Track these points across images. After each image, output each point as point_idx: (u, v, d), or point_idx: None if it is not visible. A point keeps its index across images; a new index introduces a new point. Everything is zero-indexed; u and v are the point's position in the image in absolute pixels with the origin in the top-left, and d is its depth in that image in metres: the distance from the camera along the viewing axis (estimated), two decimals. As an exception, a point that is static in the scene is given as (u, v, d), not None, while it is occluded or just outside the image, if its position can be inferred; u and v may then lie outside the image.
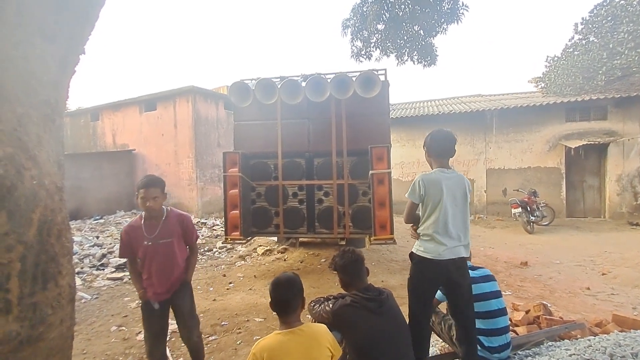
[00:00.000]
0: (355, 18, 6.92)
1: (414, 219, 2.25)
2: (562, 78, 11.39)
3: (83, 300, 4.35)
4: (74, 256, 5.84)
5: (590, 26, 11.61)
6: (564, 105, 10.08)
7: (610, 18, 11.00)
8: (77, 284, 4.85)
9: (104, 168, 11.46)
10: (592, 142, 9.54)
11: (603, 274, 4.92)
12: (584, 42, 11.80)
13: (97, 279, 5.20)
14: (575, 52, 11.74)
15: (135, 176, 12.33)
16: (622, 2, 10.84)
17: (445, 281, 2.13)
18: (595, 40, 11.40)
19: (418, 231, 2.21)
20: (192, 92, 11.03)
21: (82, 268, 5.59)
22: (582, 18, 11.91)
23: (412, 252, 2.22)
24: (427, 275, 2.14)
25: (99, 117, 13.52)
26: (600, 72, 10.55)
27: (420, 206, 2.20)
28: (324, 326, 1.65)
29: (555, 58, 12.45)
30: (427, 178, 2.15)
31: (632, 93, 9.29)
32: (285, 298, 1.60)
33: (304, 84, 4.52)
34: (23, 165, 1.15)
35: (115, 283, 5.03)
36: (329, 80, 4.41)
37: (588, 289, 4.35)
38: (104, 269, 5.63)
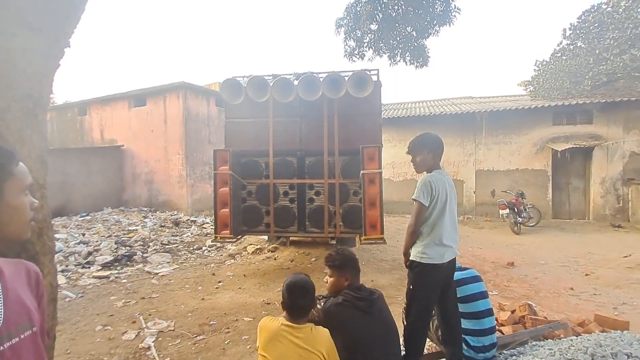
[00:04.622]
0: (348, 17, 6.92)
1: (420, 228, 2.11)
2: (550, 82, 11.62)
3: (67, 299, 4.25)
4: (59, 254, 5.75)
5: (578, 32, 11.89)
6: (551, 108, 10.28)
7: (597, 24, 11.27)
8: (61, 282, 4.74)
9: (92, 164, 11.21)
10: (578, 146, 9.76)
11: (586, 275, 5.05)
12: (571, 47, 12.07)
13: (83, 277, 5.09)
14: (563, 57, 11.99)
15: (123, 172, 12.11)
16: (608, 9, 11.11)
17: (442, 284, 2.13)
18: (583, 45, 11.67)
19: (423, 235, 2.09)
20: (182, 87, 10.88)
21: (67, 266, 5.47)
22: (571, 24, 12.19)
23: (412, 260, 2.11)
24: (431, 282, 2.06)
25: (86, 112, 13.22)
26: (587, 77, 10.81)
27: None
28: (327, 332, 1.65)
29: (544, 62, 12.71)
30: (435, 178, 2.10)
31: (617, 98, 9.54)
32: (301, 304, 1.64)
33: (296, 82, 4.50)
34: (3, 161, 1.11)
35: (101, 281, 4.94)
36: (321, 79, 4.40)
37: (572, 289, 4.45)
38: (89, 267, 5.51)
